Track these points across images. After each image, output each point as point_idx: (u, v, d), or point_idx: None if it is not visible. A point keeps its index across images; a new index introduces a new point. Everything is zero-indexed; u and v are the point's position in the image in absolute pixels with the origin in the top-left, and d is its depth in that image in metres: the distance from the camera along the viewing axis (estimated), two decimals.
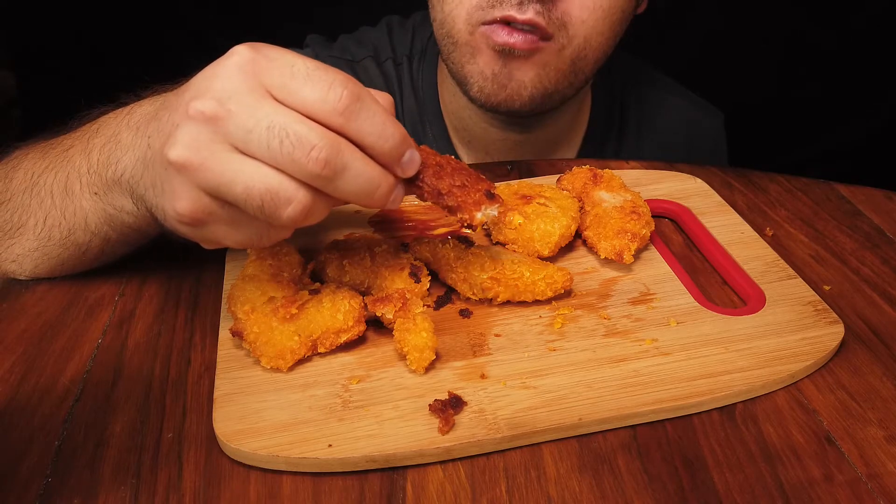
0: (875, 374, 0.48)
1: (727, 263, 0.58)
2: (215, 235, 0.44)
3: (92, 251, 0.57)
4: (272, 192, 0.40)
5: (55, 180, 0.55)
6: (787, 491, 0.41)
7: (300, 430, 0.44)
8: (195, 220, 0.42)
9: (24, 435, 0.46)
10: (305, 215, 0.41)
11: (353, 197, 0.42)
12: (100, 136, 0.53)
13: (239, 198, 0.40)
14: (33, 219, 0.56)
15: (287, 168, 0.40)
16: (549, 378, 0.47)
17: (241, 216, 0.42)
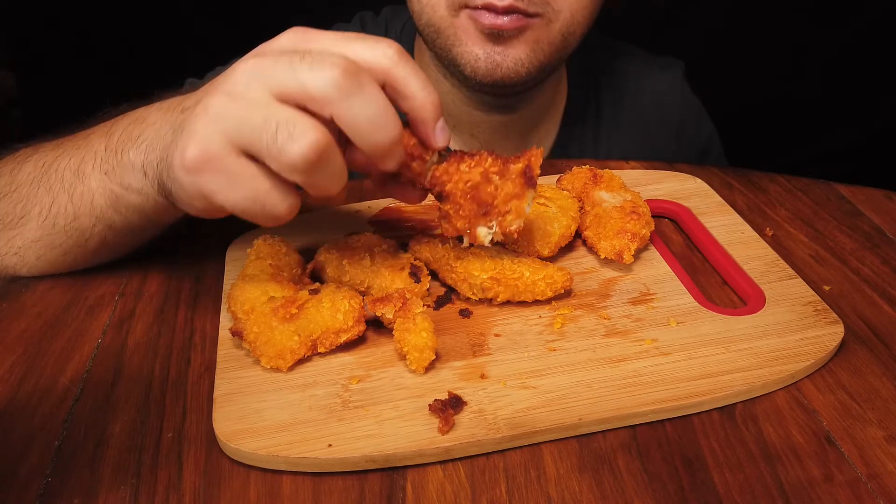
0: (875, 374, 0.48)
1: (727, 263, 0.58)
2: (213, 188, 0.43)
3: (94, 239, 0.57)
4: (289, 122, 0.41)
5: (68, 164, 0.56)
6: (787, 491, 0.41)
7: (300, 429, 0.44)
8: (201, 161, 0.42)
9: (24, 435, 0.46)
10: (315, 154, 0.41)
11: (363, 123, 0.42)
12: (125, 120, 0.54)
13: (256, 130, 0.41)
14: (38, 207, 0.56)
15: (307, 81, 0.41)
16: (549, 378, 0.47)
17: (245, 170, 0.42)
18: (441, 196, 0.49)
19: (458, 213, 0.49)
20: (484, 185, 0.48)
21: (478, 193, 0.48)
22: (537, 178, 0.49)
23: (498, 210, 0.49)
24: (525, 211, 0.49)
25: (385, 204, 0.67)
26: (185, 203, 0.46)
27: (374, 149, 0.44)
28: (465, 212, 0.49)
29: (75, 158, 0.56)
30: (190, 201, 0.46)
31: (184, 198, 0.46)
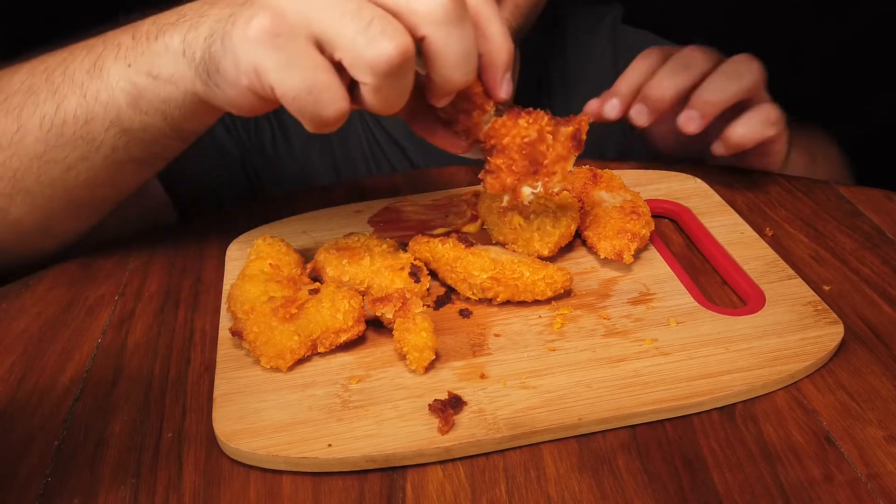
0: (875, 374, 0.48)
1: (727, 263, 0.58)
2: (269, 65, 0.41)
3: (104, 148, 0.53)
4: (384, 19, 0.40)
5: (80, 63, 0.52)
6: (786, 491, 0.41)
7: (300, 429, 0.44)
8: (269, 33, 0.40)
9: (24, 435, 0.46)
10: (401, 59, 0.40)
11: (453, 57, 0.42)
12: (152, 17, 0.51)
13: (346, 16, 0.40)
14: (39, 115, 0.52)
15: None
16: (549, 378, 0.47)
17: (310, 56, 0.41)
18: (493, 150, 0.49)
19: (509, 168, 0.49)
20: (538, 142, 0.49)
21: (532, 150, 0.49)
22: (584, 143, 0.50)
23: (547, 169, 0.49)
24: (568, 174, 0.50)
25: (385, 204, 0.67)
26: (231, 78, 0.44)
27: (448, 83, 0.43)
28: (517, 167, 0.49)
29: (90, 56, 0.52)
30: (238, 77, 0.43)
31: (231, 72, 0.44)
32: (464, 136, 0.51)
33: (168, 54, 0.48)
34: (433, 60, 0.43)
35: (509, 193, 0.50)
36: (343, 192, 0.72)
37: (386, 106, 0.43)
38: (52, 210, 0.57)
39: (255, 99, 0.45)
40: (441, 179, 0.74)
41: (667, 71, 0.63)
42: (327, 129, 0.43)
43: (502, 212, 0.58)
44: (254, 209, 0.71)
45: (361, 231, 0.60)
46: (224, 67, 0.44)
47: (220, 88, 0.46)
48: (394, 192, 0.71)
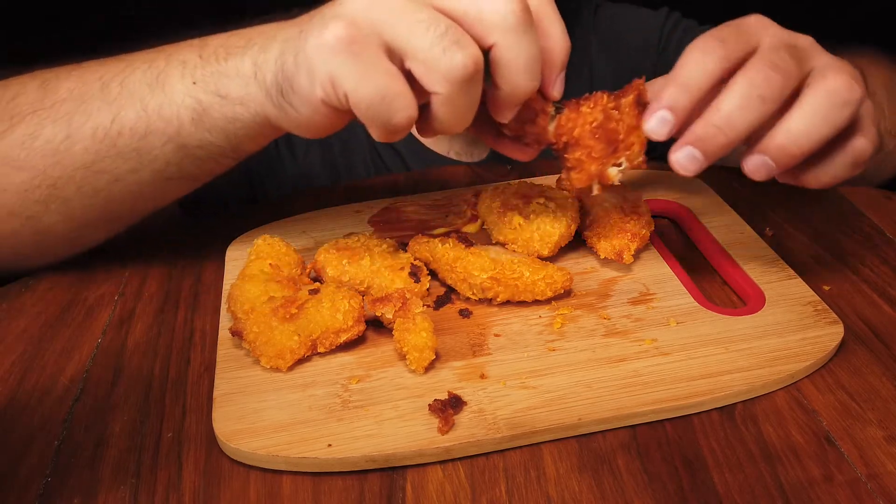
0: (875, 374, 0.48)
1: (727, 263, 0.58)
2: (345, 73, 0.41)
3: (156, 163, 0.52)
4: (456, 30, 0.41)
5: (141, 76, 0.51)
6: (786, 491, 0.41)
7: (300, 429, 0.44)
8: (345, 42, 0.41)
9: (24, 435, 0.46)
10: (474, 68, 0.41)
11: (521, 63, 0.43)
12: (219, 36, 0.51)
13: (420, 25, 0.40)
14: (91, 124, 0.51)
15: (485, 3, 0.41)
16: (549, 378, 0.47)
17: (384, 65, 0.41)
18: (567, 146, 0.50)
19: (590, 156, 0.49)
20: (607, 122, 0.48)
21: (604, 131, 0.49)
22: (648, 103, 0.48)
23: (624, 144, 0.49)
24: (645, 139, 0.48)
25: (385, 204, 0.67)
26: (306, 93, 0.44)
27: (516, 91, 0.44)
28: (597, 152, 0.49)
29: (152, 70, 0.51)
30: (312, 89, 0.44)
31: (306, 86, 0.44)
32: (535, 144, 0.51)
33: (239, 77, 0.48)
34: (502, 68, 0.43)
35: (596, 180, 0.50)
36: (343, 192, 0.73)
37: (455, 118, 0.44)
38: (86, 220, 0.56)
39: (328, 112, 0.45)
40: (441, 179, 0.74)
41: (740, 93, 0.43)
42: (396, 137, 0.44)
43: (502, 212, 0.58)
44: (254, 209, 0.71)
45: (361, 231, 0.60)
46: (298, 83, 0.45)
47: (294, 107, 0.46)
48: (394, 192, 0.71)
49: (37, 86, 0.54)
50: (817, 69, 0.45)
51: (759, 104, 0.43)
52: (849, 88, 0.43)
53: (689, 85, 0.44)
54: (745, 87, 0.43)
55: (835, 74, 0.44)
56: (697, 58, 0.45)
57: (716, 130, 0.44)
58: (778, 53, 0.44)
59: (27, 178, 0.52)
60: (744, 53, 0.45)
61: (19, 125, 0.52)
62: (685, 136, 0.45)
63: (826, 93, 0.43)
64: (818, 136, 0.44)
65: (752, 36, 0.46)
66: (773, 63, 0.43)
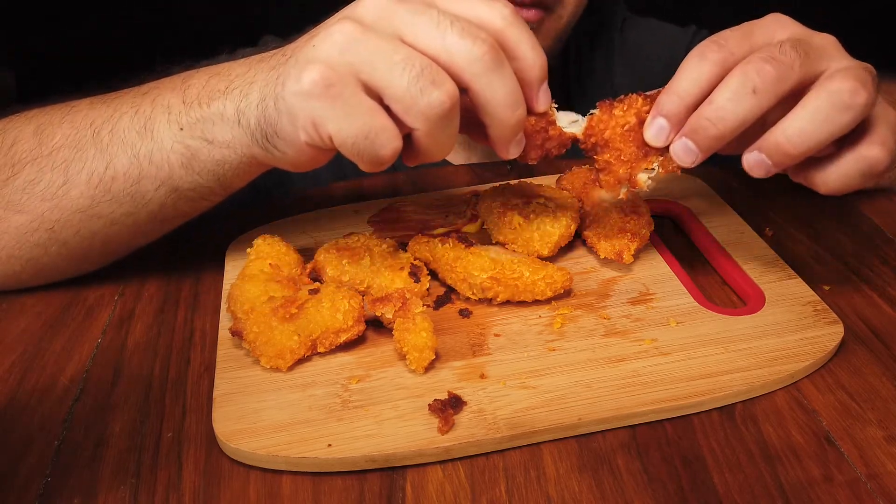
0: (875, 374, 0.48)
1: (727, 263, 0.58)
2: (327, 115, 0.42)
3: (151, 205, 0.53)
4: (432, 69, 0.41)
5: (129, 123, 0.52)
6: (786, 491, 0.41)
7: (299, 429, 0.44)
8: (322, 85, 0.41)
9: (24, 435, 0.46)
10: (451, 105, 0.42)
11: (500, 100, 0.43)
12: (198, 76, 0.52)
13: (396, 67, 0.41)
14: (87, 171, 0.52)
15: (454, 48, 0.42)
16: (549, 378, 0.47)
17: (363, 102, 0.42)
18: (596, 147, 0.49)
19: (619, 159, 0.49)
20: (639, 125, 0.48)
21: (636, 135, 0.48)
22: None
23: (657, 149, 0.48)
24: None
25: (385, 204, 0.67)
26: (290, 137, 0.45)
27: (505, 126, 0.45)
28: (627, 156, 0.49)
29: (139, 117, 0.52)
30: (296, 134, 0.44)
31: (289, 131, 0.45)
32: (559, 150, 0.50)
33: (223, 122, 0.49)
34: (483, 106, 0.44)
35: (626, 184, 0.49)
36: (343, 192, 0.73)
37: (438, 149, 0.45)
38: (85, 258, 0.58)
39: (314, 153, 0.46)
40: (441, 179, 0.74)
41: (732, 86, 0.43)
42: (380, 168, 0.45)
43: (502, 212, 0.58)
44: (254, 209, 0.71)
45: (361, 231, 0.60)
46: (281, 128, 0.46)
47: (280, 150, 0.47)
48: (394, 192, 0.71)
49: (32, 131, 0.55)
50: (828, 71, 0.44)
51: (749, 96, 0.43)
52: (852, 91, 0.42)
53: (682, 91, 0.45)
54: (737, 80, 0.43)
55: (842, 77, 0.43)
56: (693, 64, 0.45)
57: (707, 123, 0.44)
58: (780, 47, 0.43)
59: (26, 221, 0.54)
60: (746, 52, 0.44)
61: (21, 173, 0.54)
62: (684, 127, 0.46)
63: (828, 94, 0.42)
64: (817, 138, 0.43)
65: (761, 35, 0.45)
66: (771, 56, 0.43)
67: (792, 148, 0.43)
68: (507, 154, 0.47)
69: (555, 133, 0.49)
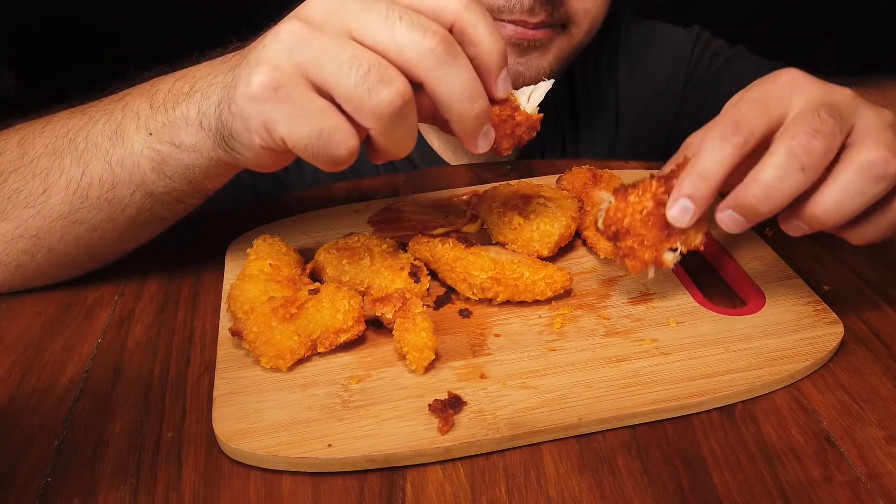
0: (875, 374, 0.48)
1: (727, 263, 0.58)
2: (277, 118, 0.42)
3: (129, 210, 0.54)
4: (380, 66, 0.41)
5: (102, 129, 0.53)
6: (786, 491, 0.41)
7: (300, 429, 0.44)
8: (269, 88, 0.41)
9: (24, 435, 0.46)
10: (402, 102, 0.41)
11: (456, 93, 0.43)
12: (166, 80, 0.52)
13: (343, 66, 0.40)
14: (65, 178, 0.53)
15: (403, 41, 0.41)
16: (549, 378, 0.47)
17: (313, 103, 0.41)
18: (618, 235, 0.49)
19: (642, 244, 0.48)
20: (658, 208, 0.48)
21: (655, 218, 0.48)
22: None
23: (679, 228, 0.48)
24: (704, 221, 0.48)
25: (385, 204, 0.67)
26: (245, 140, 0.45)
27: (465, 118, 0.44)
28: (650, 240, 0.48)
29: (110, 123, 0.53)
30: (250, 137, 0.44)
31: (244, 134, 0.45)
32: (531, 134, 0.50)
33: (188, 126, 0.50)
34: (440, 101, 0.43)
35: (652, 266, 0.49)
36: (343, 192, 0.73)
37: (396, 147, 0.44)
38: (73, 265, 0.58)
39: (271, 155, 0.46)
40: (441, 179, 0.74)
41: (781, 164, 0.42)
42: (341, 168, 0.44)
43: (502, 212, 0.58)
44: (254, 209, 0.71)
45: (361, 231, 0.60)
46: (236, 131, 0.46)
47: (238, 152, 0.48)
48: (394, 192, 0.71)
49: (17, 142, 0.56)
50: (856, 133, 0.44)
51: (798, 174, 0.42)
52: (885, 162, 0.42)
53: (708, 174, 0.44)
54: (784, 158, 0.42)
55: (872, 146, 0.42)
56: (716, 146, 0.44)
57: (756, 201, 0.44)
58: (818, 117, 0.42)
59: (12, 228, 0.55)
60: (768, 129, 0.44)
61: (6, 182, 0.55)
62: (729, 198, 0.45)
63: (861, 166, 0.42)
64: (851, 209, 0.43)
65: (781, 103, 0.45)
66: (815, 129, 0.42)
67: (829, 219, 0.44)
68: (476, 148, 0.47)
69: (522, 118, 0.48)
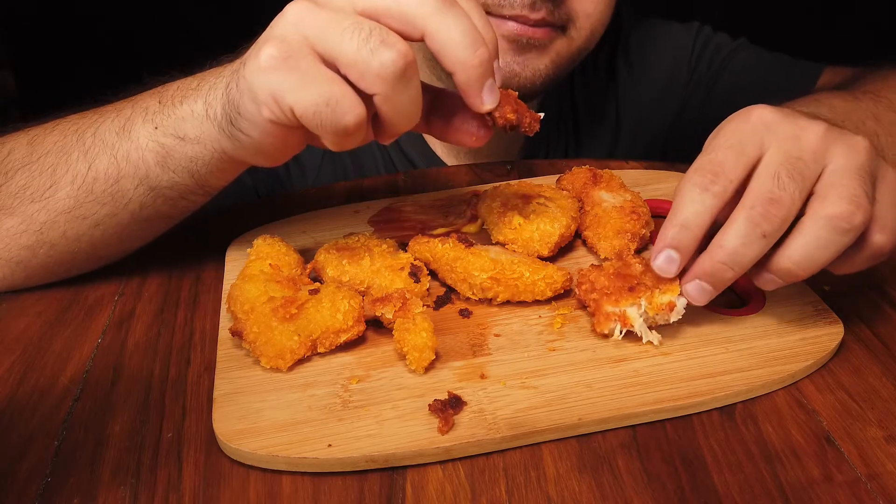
0: (874, 374, 0.48)
1: None
2: (285, 87, 0.43)
3: (132, 205, 0.55)
4: (380, 30, 0.42)
5: (110, 126, 0.54)
6: (786, 491, 0.41)
7: (300, 429, 0.44)
8: (278, 58, 0.43)
9: (23, 435, 0.46)
10: (404, 63, 0.42)
11: (457, 38, 0.43)
12: (178, 81, 0.54)
13: (345, 33, 0.42)
14: (71, 173, 0.54)
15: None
16: (549, 378, 0.47)
17: (320, 71, 0.43)
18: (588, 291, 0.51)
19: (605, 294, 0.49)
20: (625, 268, 0.50)
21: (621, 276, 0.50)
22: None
23: (644, 285, 0.49)
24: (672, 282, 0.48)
25: (385, 204, 0.67)
26: (253, 115, 0.46)
27: (466, 67, 0.44)
28: (611, 291, 0.49)
29: (119, 119, 0.54)
30: (258, 110, 0.45)
31: (251, 109, 0.46)
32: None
33: (193, 118, 0.51)
34: (441, 48, 0.44)
35: (618, 324, 0.49)
36: (343, 192, 0.73)
37: (402, 115, 0.45)
38: (73, 262, 0.59)
39: (278, 132, 0.46)
40: (441, 179, 0.74)
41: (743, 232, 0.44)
42: (349, 141, 0.45)
43: (502, 212, 0.58)
44: (254, 209, 0.71)
45: (361, 231, 0.60)
46: (244, 107, 0.46)
47: (245, 133, 0.48)
48: (394, 192, 0.71)
49: (26, 142, 0.57)
50: (823, 182, 0.44)
51: (760, 240, 0.44)
52: (849, 216, 0.42)
53: (690, 224, 0.45)
54: (746, 227, 0.44)
55: (836, 198, 0.43)
56: (695, 196, 0.45)
57: (723, 267, 0.45)
58: (777, 182, 0.43)
59: (16, 223, 0.55)
60: (745, 173, 0.45)
61: (13, 178, 0.56)
62: (694, 268, 0.46)
63: (825, 222, 0.43)
64: (822, 260, 0.44)
65: (755, 146, 0.45)
66: (772, 197, 0.43)
67: (802, 271, 0.45)
68: (482, 104, 0.46)
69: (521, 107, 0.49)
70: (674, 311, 0.48)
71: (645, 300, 0.48)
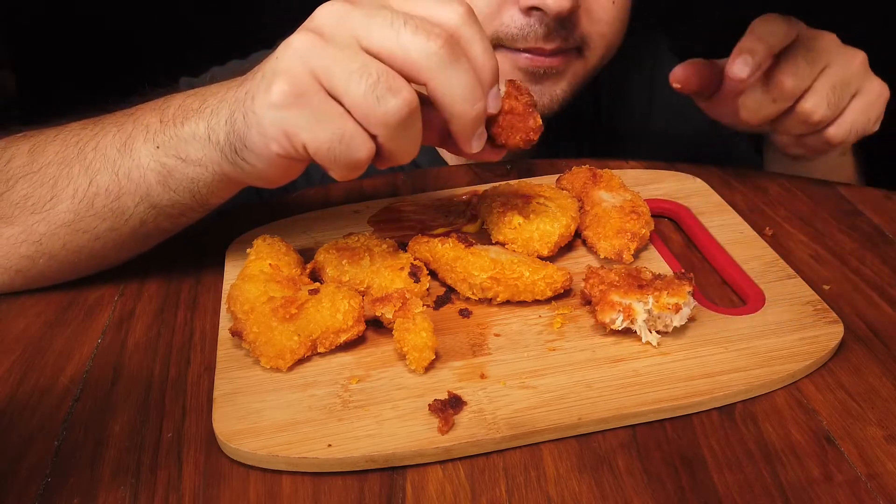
0: (874, 373, 0.48)
1: (727, 263, 0.58)
2: (299, 124, 0.43)
3: (132, 221, 0.55)
4: (388, 76, 0.42)
5: (111, 141, 0.54)
6: (786, 491, 0.41)
7: (300, 429, 0.44)
8: (290, 95, 0.43)
9: (23, 435, 0.46)
10: (409, 111, 0.43)
11: (458, 93, 0.44)
12: (177, 98, 0.53)
13: (353, 76, 0.42)
14: (72, 187, 0.54)
15: (409, 45, 0.42)
16: (549, 378, 0.47)
17: (332, 109, 0.43)
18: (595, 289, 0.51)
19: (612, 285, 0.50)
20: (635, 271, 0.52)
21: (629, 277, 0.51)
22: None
23: (654, 287, 0.49)
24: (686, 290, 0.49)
25: (385, 204, 0.67)
26: (260, 149, 0.46)
27: (465, 119, 0.45)
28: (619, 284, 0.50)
29: (120, 135, 0.54)
30: (266, 145, 0.45)
31: (259, 143, 0.46)
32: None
33: (195, 140, 0.51)
34: (441, 101, 0.45)
35: (621, 313, 0.49)
36: (343, 192, 0.72)
37: (401, 153, 0.46)
38: (73, 271, 0.59)
39: (285, 164, 0.47)
40: (441, 179, 0.74)
41: (803, 62, 0.60)
42: (357, 173, 0.46)
43: (502, 212, 0.58)
44: (254, 209, 0.71)
45: (361, 231, 0.60)
46: (251, 140, 0.47)
47: (249, 163, 0.48)
48: (394, 192, 0.71)
49: (27, 150, 0.57)
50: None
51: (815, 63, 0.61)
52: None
53: (769, 40, 0.58)
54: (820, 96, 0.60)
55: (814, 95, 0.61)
56: (779, 22, 0.59)
57: (788, 83, 0.60)
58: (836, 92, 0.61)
59: (16, 232, 0.55)
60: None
61: (15, 187, 0.55)
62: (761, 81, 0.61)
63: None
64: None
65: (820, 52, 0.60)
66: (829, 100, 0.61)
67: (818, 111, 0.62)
68: (470, 149, 0.48)
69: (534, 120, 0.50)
70: (678, 313, 0.48)
71: (652, 298, 0.48)
